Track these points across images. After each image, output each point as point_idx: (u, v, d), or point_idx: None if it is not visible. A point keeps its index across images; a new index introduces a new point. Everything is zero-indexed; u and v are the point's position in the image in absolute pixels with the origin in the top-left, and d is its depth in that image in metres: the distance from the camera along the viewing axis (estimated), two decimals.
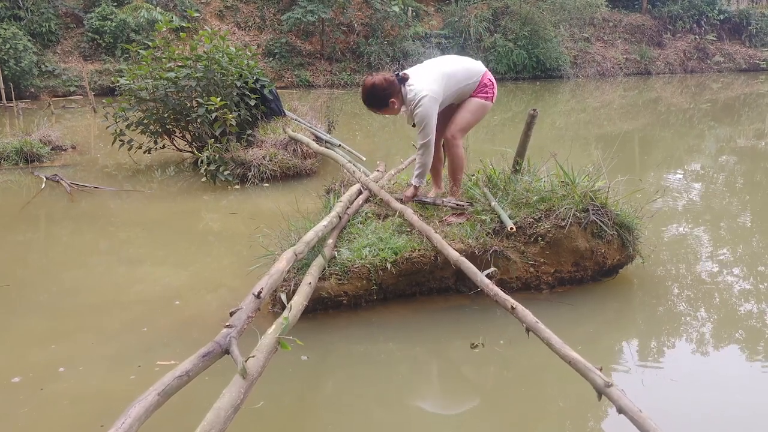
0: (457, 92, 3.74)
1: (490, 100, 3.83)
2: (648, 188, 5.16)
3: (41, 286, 3.78)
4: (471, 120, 3.82)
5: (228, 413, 1.78)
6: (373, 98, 3.62)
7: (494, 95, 3.84)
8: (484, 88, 3.78)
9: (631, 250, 3.55)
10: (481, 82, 3.76)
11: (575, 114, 13.68)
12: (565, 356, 2.10)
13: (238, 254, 4.17)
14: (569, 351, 2.10)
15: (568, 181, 3.52)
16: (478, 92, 3.77)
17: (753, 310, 3.47)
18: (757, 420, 2.45)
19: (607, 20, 24.28)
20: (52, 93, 15.03)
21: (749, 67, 25.03)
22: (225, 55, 6.47)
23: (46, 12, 16.09)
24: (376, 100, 3.62)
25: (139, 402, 1.65)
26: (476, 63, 3.83)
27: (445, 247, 3.13)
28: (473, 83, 3.75)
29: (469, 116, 3.80)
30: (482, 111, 3.86)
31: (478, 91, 3.77)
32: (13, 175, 6.84)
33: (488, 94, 3.80)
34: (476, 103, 3.79)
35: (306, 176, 6.44)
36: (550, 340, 2.19)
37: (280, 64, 18.38)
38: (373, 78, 3.62)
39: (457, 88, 3.70)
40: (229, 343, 2.00)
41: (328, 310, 3.23)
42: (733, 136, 10.53)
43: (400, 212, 3.60)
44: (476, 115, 3.84)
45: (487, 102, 3.81)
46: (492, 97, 3.82)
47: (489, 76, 3.82)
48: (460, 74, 3.71)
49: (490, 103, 3.83)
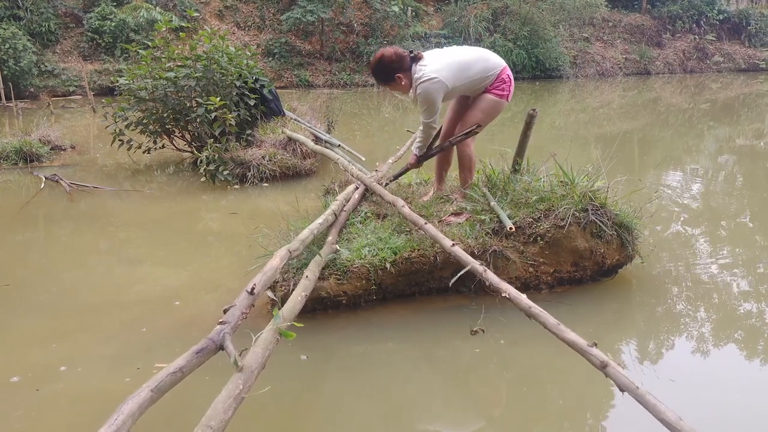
0: (471, 84, 3.62)
1: (506, 99, 3.69)
2: (647, 188, 5.17)
3: (41, 286, 3.78)
4: (482, 119, 3.71)
5: (227, 403, 1.77)
6: (379, 70, 3.59)
7: (510, 93, 3.70)
8: (501, 84, 3.65)
9: (631, 250, 3.55)
10: (499, 77, 3.64)
11: (575, 114, 13.69)
12: (563, 338, 2.12)
13: (237, 254, 4.17)
14: (567, 332, 2.12)
15: (568, 181, 3.52)
16: (494, 88, 3.65)
17: (752, 310, 3.47)
18: (756, 420, 2.45)
19: (606, 20, 24.29)
20: (52, 93, 15.03)
21: (748, 67, 25.06)
22: (224, 54, 6.47)
23: (45, 12, 16.08)
24: (382, 72, 3.59)
25: (132, 398, 1.65)
26: (496, 57, 3.71)
27: (439, 237, 3.11)
28: (490, 77, 3.62)
29: (481, 115, 3.70)
30: (495, 110, 3.73)
31: (494, 87, 3.65)
32: (13, 174, 6.84)
33: (504, 91, 3.67)
34: (489, 101, 3.67)
35: (305, 176, 6.44)
36: (546, 322, 2.20)
37: (279, 63, 18.38)
38: (384, 50, 3.60)
39: (470, 80, 3.59)
40: (223, 338, 1.99)
41: (327, 310, 3.23)
42: (732, 136, 10.54)
43: (392, 203, 3.62)
44: (488, 114, 3.72)
45: (501, 100, 3.68)
46: (508, 95, 3.69)
47: (508, 72, 3.69)
48: (477, 66, 3.59)
49: (505, 101, 3.70)
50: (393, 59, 3.53)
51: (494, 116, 3.78)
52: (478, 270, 2.72)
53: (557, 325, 2.17)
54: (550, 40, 20.64)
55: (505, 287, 2.49)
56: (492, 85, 3.65)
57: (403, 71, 3.55)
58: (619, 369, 1.92)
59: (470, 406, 2.67)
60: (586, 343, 2.05)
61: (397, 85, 3.61)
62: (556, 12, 20.96)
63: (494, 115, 3.77)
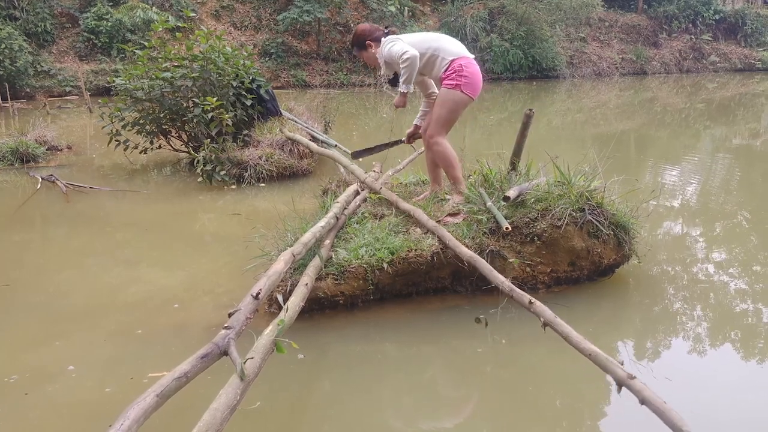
0: (427, 60, 3.72)
1: (459, 90, 3.65)
2: (644, 188, 5.18)
3: (36, 286, 3.77)
4: (444, 115, 3.74)
5: (224, 414, 1.78)
6: (355, 38, 4.01)
7: (467, 85, 3.65)
8: (452, 74, 3.65)
9: (627, 249, 3.55)
10: (451, 66, 3.66)
11: (571, 114, 13.70)
12: (584, 350, 2.13)
13: (234, 255, 4.16)
14: (588, 345, 2.12)
15: (565, 181, 3.52)
16: (446, 77, 3.68)
17: (748, 309, 3.48)
18: (752, 419, 2.46)
19: (603, 20, 24.34)
20: (48, 93, 14.97)
21: (744, 66, 25.14)
22: (221, 55, 6.46)
23: (41, 12, 16.03)
24: (357, 39, 3.99)
25: (137, 403, 1.65)
26: (458, 47, 3.76)
27: (457, 245, 3.13)
28: (443, 61, 3.68)
29: (440, 110, 3.75)
30: (454, 103, 3.71)
31: (446, 76, 3.68)
32: (9, 175, 6.82)
33: (454, 81, 3.65)
34: (444, 94, 3.72)
35: (302, 176, 6.43)
36: (569, 334, 2.22)
37: (276, 64, 18.36)
38: (365, 23, 4.16)
39: (429, 53, 3.71)
40: (228, 344, 2.00)
41: (324, 310, 3.23)
42: (728, 135, 10.57)
43: (410, 213, 3.61)
44: (448, 108, 3.72)
45: (455, 91, 3.66)
46: (461, 86, 3.64)
47: (462, 63, 3.66)
48: (435, 44, 3.74)
49: (460, 93, 3.66)
50: (368, 29, 3.97)
51: (456, 111, 3.76)
52: (500, 279, 2.76)
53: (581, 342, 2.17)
54: (546, 40, 20.67)
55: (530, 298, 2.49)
56: (444, 73, 3.70)
57: (374, 40, 3.92)
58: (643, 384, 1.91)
59: (469, 406, 2.67)
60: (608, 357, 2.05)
61: (368, 54, 3.96)
62: (553, 12, 20.99)
63: (454, 109, 3.75)
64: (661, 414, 1.78)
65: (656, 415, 1.79)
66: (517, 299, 2.55)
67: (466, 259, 3.05)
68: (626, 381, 1.92)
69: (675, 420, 1.74)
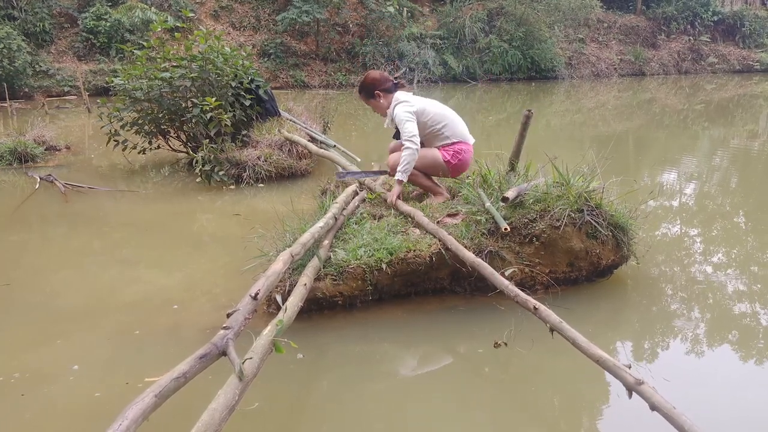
0: (432, 129, 3.90)
1: (448, 164, 3.91)
2: (642, 189, 5.18)
3: (35, 287, 3.76)
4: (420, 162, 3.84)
5: (223, 414, 1.78)
6: (364, 85, 4.01)
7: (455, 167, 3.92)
8: (452, 151, 3.91)
9: (626, 250, 3.55)
10: (455, 145, 3.92)
11: (570, 115, 13.72)
12: (592, 355, 2.12)
13: (233, 255, 4.16)
14: (596, 350, 2.12)
15: (563, 181, 3.52)
16: (443, 149, 3.92)
17: (747, 310, 3.49)
18: (751, 419, 2.46)
19: (601, 21, 24.37)
20: (47, 93, 14.96)
21: (743, 68, 25.19)
22: (220, 55, 6.45)
23: (40, 12, 16.01)
24: (366, 88, 4.00)
25: (135, 404, 1.64)
26: (465, 130, 3.98)
27: (460, 249, 3.13)
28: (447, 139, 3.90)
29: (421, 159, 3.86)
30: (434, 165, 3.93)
31: (444, 149, 3.92)
32: (7, 175, 6.81)
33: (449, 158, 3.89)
34: (434, 153, 3.91)
35: (301, 176, 6.43)
36: (576, 339, 2.22)
37: (275, 64, 18.36)
38: (373, 71, 4.08)
39: (437, 129, 3.89)
40: (226, 344, 2.00)
41: (323, 310, 3.23)
42: (726, 136, 10.58)
43: (410, 215, 3.62)
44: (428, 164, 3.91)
45: (443, 161, 3.90)
46: (450, 163, 3.90)
47: (464, 148, 3.92)
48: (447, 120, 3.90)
49: (445, 166, 3.92)
50: (378, 79, 3.97)
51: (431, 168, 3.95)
52: (504, 284, 2.78)
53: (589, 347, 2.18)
54: (545, 41, 20.70)
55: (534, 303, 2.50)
56: (443, 147, 3.93)
57: (384, 91, 3.94)
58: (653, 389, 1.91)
59: (469, 406, 2.67)
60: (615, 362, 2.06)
61: (377, 102, 3.98)
62: (552, 13, 21.01)
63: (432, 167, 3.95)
64: (671, 420, 1.77)
65: (667, 420, 1.78)
66: (522, 304, 2.55)
67: (469, 263, 3.05)
68: (635, 387, 1.91)
69: (686, 426, 1.73)
